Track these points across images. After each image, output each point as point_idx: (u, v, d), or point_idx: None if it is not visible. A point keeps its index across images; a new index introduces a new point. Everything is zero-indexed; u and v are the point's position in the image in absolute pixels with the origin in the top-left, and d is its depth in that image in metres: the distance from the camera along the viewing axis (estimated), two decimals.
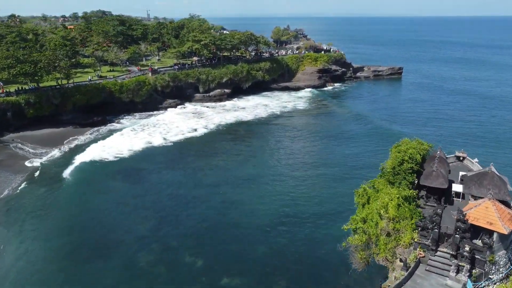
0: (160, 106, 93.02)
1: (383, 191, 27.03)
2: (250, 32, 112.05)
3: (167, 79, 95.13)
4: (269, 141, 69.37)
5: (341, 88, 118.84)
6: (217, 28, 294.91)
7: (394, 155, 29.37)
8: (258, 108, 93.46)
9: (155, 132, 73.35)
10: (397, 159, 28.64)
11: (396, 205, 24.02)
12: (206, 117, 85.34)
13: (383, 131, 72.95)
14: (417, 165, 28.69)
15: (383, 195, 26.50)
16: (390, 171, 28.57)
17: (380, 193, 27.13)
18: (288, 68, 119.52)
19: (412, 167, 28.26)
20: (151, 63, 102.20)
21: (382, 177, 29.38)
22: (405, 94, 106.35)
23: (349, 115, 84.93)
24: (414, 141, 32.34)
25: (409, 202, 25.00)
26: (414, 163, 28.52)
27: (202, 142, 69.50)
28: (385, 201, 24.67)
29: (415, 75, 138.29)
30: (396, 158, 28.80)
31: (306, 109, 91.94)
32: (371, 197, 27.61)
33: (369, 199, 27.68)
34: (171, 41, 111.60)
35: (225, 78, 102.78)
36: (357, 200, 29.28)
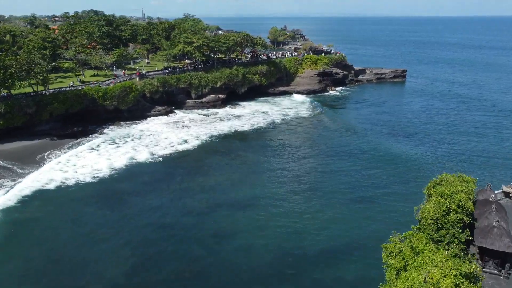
0: (148, 113, 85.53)
1: (426, 255, 19.95)
2: (246, 33, 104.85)
3: (156, 84, 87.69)
4: (268, 157, 62.10)
5: (343, 93, 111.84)
6: (212, 28, 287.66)
7: (436, 201, 22.25)
8: (255, 116, 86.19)
9: (140, 145, 65.91)
10: (441, 207, 21.56)
11: (453, 286, 16.90)
12: (198, 126, 77.97)
13: (393, 148, 65.60)
14: (469, 215, 21.64)
15: (427, 261, 19.43)
16: (432, 223, 21.50)
17: (422, 257, 20.05)
18: (286, 71, 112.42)
19: (463, 219, 21.22)
20: (139, 67, 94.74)
21: (420, 231, 22.27)
22: (412, 101, 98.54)
23: (355, 127, 76.41)
24: (456, 178, 25.31)
25: (470, 280, 17.86)
26: (465, 213, 21.47)
27: (193, 157, 62.17)
28: (434, 276, 17.56)
29: (419, 79, 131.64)
30: (439, 205, 21.72)
31: (307, 117, 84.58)
32: (409, 261, 20.50)
33: (407, 264, 20.57)
34: (162, 42, 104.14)
35: (219, 82, 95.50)
36: (387, 261, 22.18)
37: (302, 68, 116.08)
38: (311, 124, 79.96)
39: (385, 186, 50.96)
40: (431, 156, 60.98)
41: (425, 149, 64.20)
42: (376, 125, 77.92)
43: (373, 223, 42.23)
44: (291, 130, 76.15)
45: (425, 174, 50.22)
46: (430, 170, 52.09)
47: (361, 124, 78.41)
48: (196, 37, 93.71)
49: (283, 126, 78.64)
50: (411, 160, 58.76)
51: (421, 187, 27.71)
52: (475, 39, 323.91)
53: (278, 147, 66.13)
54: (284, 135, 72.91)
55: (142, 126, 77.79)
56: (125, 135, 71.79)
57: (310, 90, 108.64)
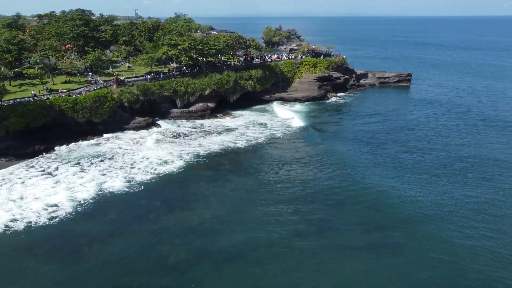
0: (127, 126, 74.93)
1: None
2: (238, 34, 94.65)
3: (135, 93, 77.20)
4: (265, 184, 51.77)
5: (345, 99, 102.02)
6: (204, 28, 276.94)
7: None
8: (249, 128, 75.84)
9: (113, 168, 55.36)
10: None
11: None
12: (183, 142, 67.61)
13: (407, 182, 55.92)
14: None
15: None
16: None
17: None
18: (283, 76, 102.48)
19: None
20: (117, 72, 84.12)
21: None
22: (421, 113, 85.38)
23: (362, 145, 65.16)
24: None
25: None
26: None
27: (175, 183, 51.76)
28: None
29: (426, 83, 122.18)
30: None
31: (308, 132, 74.03)
32: None
33: None
34: (144, 45, 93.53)
35: (208, 89, 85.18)
36: None
37: (300, 72, 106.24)
38: (313, 140, 69.68)
39: (397, 224, 41.15)
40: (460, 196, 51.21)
41: (451, 187, 54.18)
42: (388, 145, 66.92)
43: (398, 272, 32.40)
44: (291, 148, 65.55)
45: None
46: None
47: (369, 142, 68.18)
48: (181, 39, 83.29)
49: (281, 142, 68.18)
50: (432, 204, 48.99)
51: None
52: (478, 41, 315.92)
53: (276, 172, 55.74)
54: (283, 154, 62.43)
55: (117, 142, 67.15)
56: (94, 154, 61.10)
57: (309, 97, 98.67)
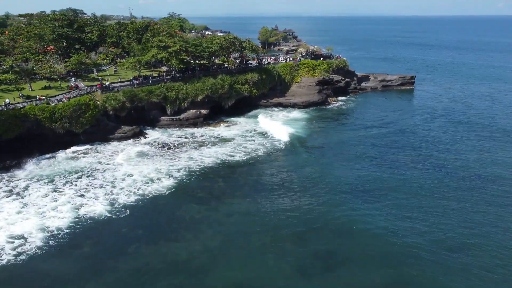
0: (112, 136, 68.65)
1: None
2: (232, 35, 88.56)
3: (121, 99, 70.92)
4: (263, 208, 45.66)
5: (347, 104, 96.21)
6: (198, 28, 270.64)
7: None
8: (246, 139, 69.70)
9: (92, 188, 49.08)
10: None
11: None
12: (173, 154, 61.41)
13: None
14: None
15: None
16: None
17: None
18: (281, 79, 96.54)
19: None
20: (102, 77, 77.77)
21: None
22: (427, 120, 78.42)
23: (368, 164, 57.14)
24: None
25: None
26: None
27: (162, 207, 45.49)
28: None
29: (430, 87, 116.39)
30: None
31: (309, 143, 67.49)
32: None
33: None
34: (132, 47, 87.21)
35: (201, 95, 79.05)
36: None
37: (299, 76, 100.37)
38: (315, 155, 63.74)
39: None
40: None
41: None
42: (398, 162, 61.60)
43: None
44: (291, 165, 58.96)
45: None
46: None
47: (377, 158, 62.51)
48: (171, 41, 77.05)
49: (281, 157, 62.04)
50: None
51: None
52: (478, 41, 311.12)
53: (276, 193, 49.61)
54: (282, 172, 56.21)
55: (98, 155, 60.78)
56: (71, 169, 54.72)
57: (309, 102, 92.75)
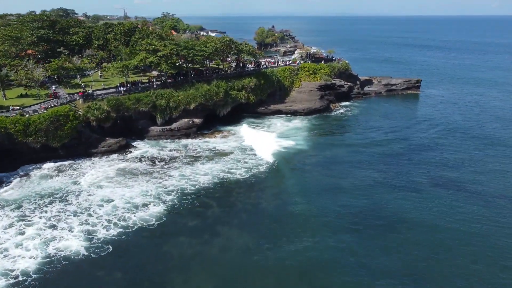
0: (95, 150, 61.98)
1: None
2: (228, 37, 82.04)
3: (105, 108, 64.28)
4: (265, 240, 39.40)
5: (350, 110, 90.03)
6: (192, 29, 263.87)
7: None
8: (246, 151, 63.07)
9: (66, 215, 42.48)
10: None
11: None
12: (163, 172, 54.79)
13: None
14: None
15: None
16: None
17: None
18: (280, 84, 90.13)
19: None
20: (86, 83, 71.02)
21: None
22: (437, 131, 71.73)
23: (381, 185, 50.73)
24: None
25: None
26: None
27: (147, 241, 38.82)
28: None
29: (436, 92, 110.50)
30: None
31: (312, 161, 60.90)
32: None
33: None
34: (119, 50, 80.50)
35: (194, 103, 72.55)
36: None
37: (299, 80, 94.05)
38: (320, 169, 57.51)
39: None
40: None
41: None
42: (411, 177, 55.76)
43: None
44: (294, 183, 53.14)
45: None
46: None
47: (388, 174, 56.40)
48: (161, 44, 70.43)
49: (281, 172, 55.80)
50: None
51: None
52: (479, 42, 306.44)
53: (279, 220, 43.46)
54: (286, 193, 50.12)
55: (75, 173, 53.97)
56: (43, 192, 47.95)
57: (310, 109, 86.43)
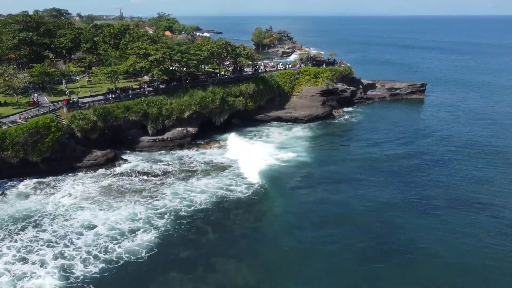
0: (79, 164, 56.82)
1: None
2: (225, 40, 77.05)
3: (92, 118, 59.16)
4: (267, 275, 34.65)
5: (354, 117, 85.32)
6: (188, 29, 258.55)
7: None
8: (245, 166, 57.92)
9: (40, 244, 37.34)
10: None
11: None
12: (155, 190, 49.64)
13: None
14: None
15: None
16: None
17: None
18: (280, 89, 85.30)
19: None
20: (71, 90, 65.84)
21: None
22: (446, 141, 67.74)
23: (397, 206, 46.16)
24: None
25: None
26: None
27: (132, 279, 33.82)
28: None
29: (441, 96, 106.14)
30: None
31: (316, 174, 55.85)
32: None
33: None
34: (109, 53, 75.34)
35: (188, 111, 67.59)
36: None
37: (299, 85, 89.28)
38: (326, 187, 52.70)
39: None
40: None
41: None
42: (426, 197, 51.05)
43: None
44: (298, 202, 48.49)
45: None
46: None
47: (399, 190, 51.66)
48: (153, 48, 65.36)
49: (283, 192, 50.75)
50: None
51: None
52: (480, 43, 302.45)
53: (280, 247, 38.63)
54: (287, 213, 45.37)
55: (53, 192, 48.58)
56: (15, 214, 42.57)
57: (312, 116, 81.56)
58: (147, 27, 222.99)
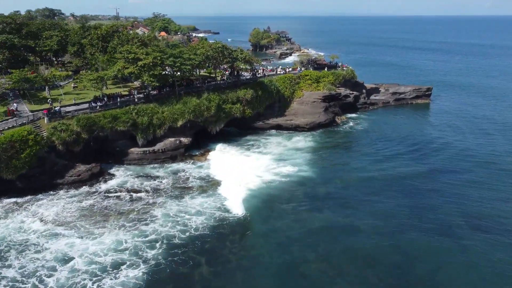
0: (61, 181, 51.74)
1: None
2: (221, 43, 71.98)
3: (75, 129, 54.05)
4: None
5: (359, 124, 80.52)
6: (184, 30, 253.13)
7: None
8: (241, 182, 52.93)
9: (2, 286, 32.30)
10: None
11: None
12: (144, 212, 44.47)
13: None
14: None
15: None
16: None
17: None
18: (279, 95, 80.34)
19: None
20: (53, 98, 60.64)
21: None
22: (460, 152, 64.44)
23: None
24: None
25: None
26: None
27: None
28: None
29: (448, 101, 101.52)
30: None
31: (320, 191, 50.79)
32: None
33: None
34: (96, 57, 70.17)
35: (181, 120, 62.61)
36: None
37: (300, 90, 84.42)
38: (333, 208, 47.85)
39: None
40: None
41: None
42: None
43: None
44: (306, 229, 43.75)
45: None
46: None
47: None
48: (142, 52, 60.26)
49: (288, 215, 45.86)
50: None
51: None
52: (482, 44, 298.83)
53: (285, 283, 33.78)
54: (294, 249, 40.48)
55: (30, 215, 43.33)
56: None
57: (314, 124, 76.61)
58: (142, 28, 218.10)
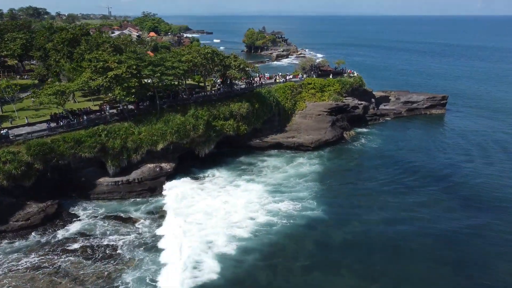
0: (3, 227, 40.44)
1: None
2: (211, 48, 60.71)
3: (24, 159, 42.70)
4: None
5: (370, 141, 69.90)
6: (175, 30, 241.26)
7: None
8: (242, 226, 42.12)
9: None
10: None
11: None
12: (106, 279, 33.58)
13: None
14: None
15: None
16: None
17: None
18: (279, 107, 69.49)
19: None
20: (6, 117, 49.15)
21: None
22: (492, 174, 54.77)
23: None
24: None
25: None
26: None
27: None
28: None
29: (463, 110, 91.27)
30: None
31: (334, 240, 39.89)
32: None
33: None
34: (60, 65, 58.74)
35: (162, 143, 51.40)
36: None
37: (303, 101, 73.68)
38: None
39: None
40: None
41: None
42: None
43: None
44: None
45: None
46: None
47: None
48: (114, 59, 48.92)
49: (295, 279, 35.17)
50: None
51: None
52: (485, 47, 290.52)
53: None
54: None
55: None
56: None
57: (320, 141, 65.77)
58: (131, 28, 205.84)
